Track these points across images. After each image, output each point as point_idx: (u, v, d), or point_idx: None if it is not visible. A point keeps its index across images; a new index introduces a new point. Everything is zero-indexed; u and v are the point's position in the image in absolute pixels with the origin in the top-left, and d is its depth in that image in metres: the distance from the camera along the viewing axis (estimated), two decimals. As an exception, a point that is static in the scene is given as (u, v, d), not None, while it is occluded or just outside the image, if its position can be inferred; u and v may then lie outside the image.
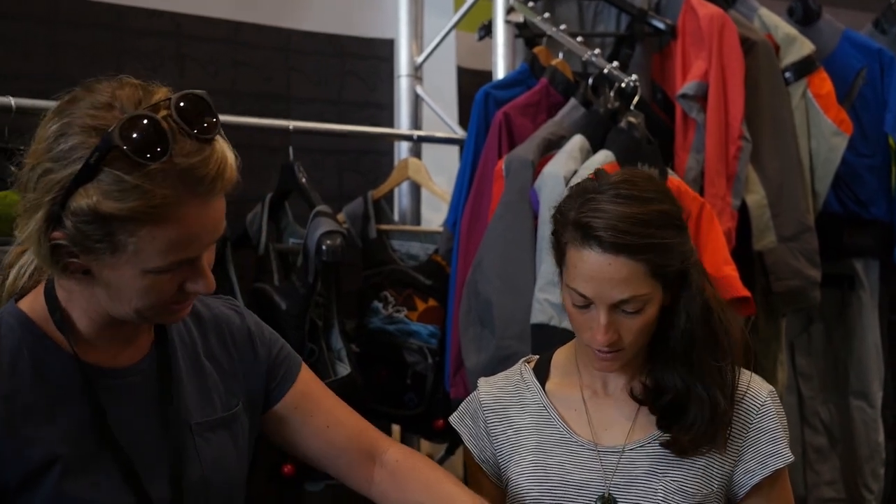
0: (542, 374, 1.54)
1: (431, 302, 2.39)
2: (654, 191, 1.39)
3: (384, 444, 1.49)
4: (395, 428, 2.66)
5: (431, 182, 2.55)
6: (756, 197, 2.65)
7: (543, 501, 1.45)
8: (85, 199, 1.16)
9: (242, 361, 1.43)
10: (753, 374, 1.49)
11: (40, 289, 1.31)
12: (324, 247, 2.11)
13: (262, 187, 2.41)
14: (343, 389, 2.15)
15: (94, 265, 1.21)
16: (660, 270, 1.36)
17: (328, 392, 1.50)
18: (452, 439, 2.47)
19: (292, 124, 2.31)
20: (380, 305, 2.44)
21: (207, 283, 1.25)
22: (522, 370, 1.55)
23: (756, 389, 1.47)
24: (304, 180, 2.27)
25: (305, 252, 2.15)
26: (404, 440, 2.62)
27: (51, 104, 1.23)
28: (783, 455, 1.46)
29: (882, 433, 3.01)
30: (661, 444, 1.43)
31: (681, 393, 1.43)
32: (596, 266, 1.35)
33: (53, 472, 1.23)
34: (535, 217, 2.09)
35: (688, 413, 1.42)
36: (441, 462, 2.70)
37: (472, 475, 1.57)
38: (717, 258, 2.29)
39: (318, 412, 1.46)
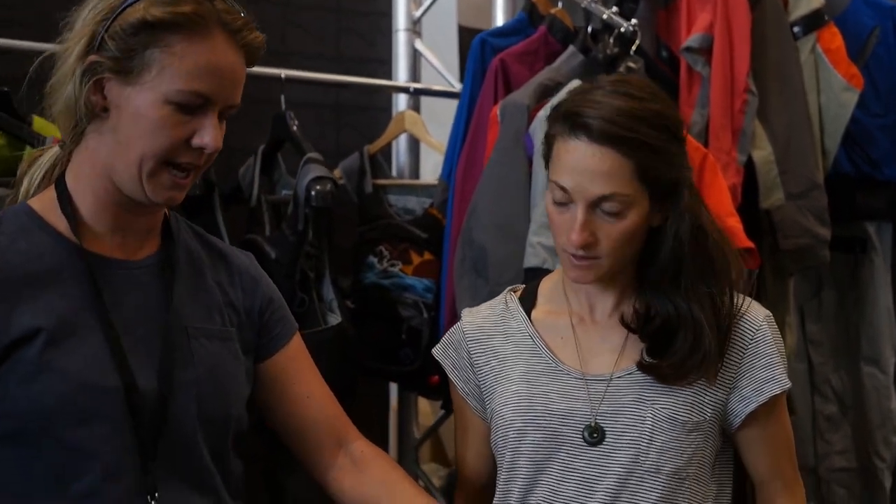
0: (528, 302, 1.49)
1: (427, 256, 2.35)
2: (652, 93, 1.34)
3: (354, 435, 1.50)
4: (393, 387, 2.61)
5: (428, 135, 2.50)
6: (763, 153, 2.58)
7: (528, 432, 1.40)
8: (133, 14, 1.26)
9: (244, 301, 1.43)
10: (752, 300, 1.43)
11: (50, 189, 1.34)
12: (313, 192, 2.06)
13: (256, 141, 2.37)
14: (333, 338, 2.12)
15: (118, 94, 1.27)
16: (647, 174, 1.31)
17: (315, 369, 1.51)
18: (447, 396, 2.41)
19: (284, 73, 2.27)
20: (375, 260, 2.40)
21: (214, 138, 1.29)
22: (508, 299, 1.50)
23: (752, 314, 1.41)
24: (295, 128, 2.23)
25: (295, 199, 2.11)
26: (401, 399, 2.58)
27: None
28: (780, 381, 1.40)
29: (894, 400, 2.93)
30: (640, 369, 1.37)
31: (670, 318, 1.37)
32: (580, 156, 1.30)
33: (37, 341, 1.23)
34: (530, 162, 2.03)
35: (675, 340, 1.36)
36: (440, 423, 2.65)
37: (458, 410, 1.53)
38: (721, 210, 2.23)
39: (302, 381, 1.47)
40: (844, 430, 3.01)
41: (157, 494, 1.28)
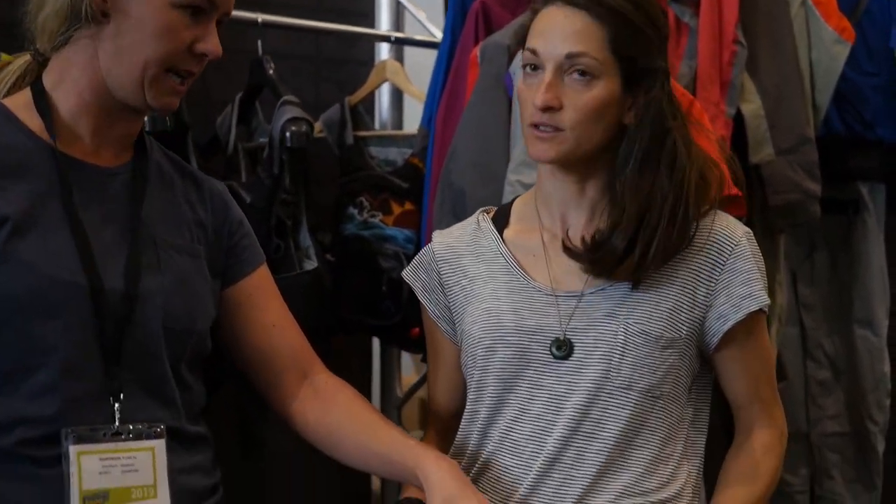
0: (500, 222, 1.45)
1: (408, 205, 2.31)
2: None
3: (319, 367, 1.48)
4: (376, 342, 2.58)
5: (410, 84, 2.46)
6: (752, 107, 2.54)
7: (497, 349, 1.36)
8: None
9: (213, 223, 1.41)
10: (729, 216, 1.39)
11: (23, 91, 1.33)
12: (288, 133, 2.02)
13: (234, 93, 2.33)
14: (310, 284, 2.08)
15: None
16: (620, 48, 1.27)
17: (281, 300, 1.49)
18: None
19: (261, 17, 2.23)
20: (355, 211, 2.35)
21: (216, 44, 1.30)
22: (480, 219, 1.47)
23: (730, 229, 1.37)
24: (271, 72, 2.18)
25: (271, 142, 2.07)
26: (384, 353, 2.54)
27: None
28: (758, 297, 1.35)
29: (888, 363, 2.89)
30: (587, 270, 1.32)
31: (635, 219, 1.33)
32: (552, 18, 1.29)
33: (2, 230, 1.21)
34: (510, 102, 1.99)
35: (636, 240, 1.32)
36: (423, 381, 2.61)
37: (429, 336, 1.49)
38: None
39: (269, 309, 1.45)
40: (837, 394, 2.96)
41: (121, 396, 1.25)
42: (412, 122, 2.47)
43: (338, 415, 1.42)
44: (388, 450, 1.36)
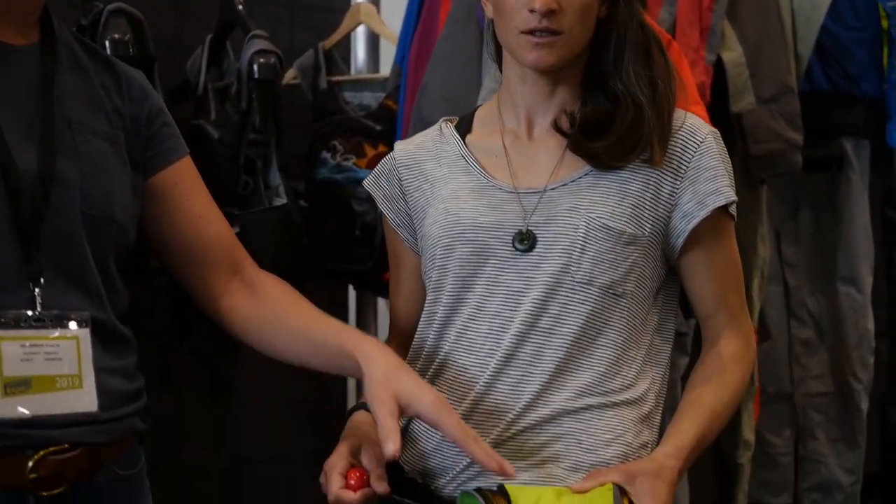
0: (463, 128, 1.43)
1: (381, 148, 2.27)
2: None
3: (250, 262, 1.43)
4: (351, 294, 2.54)
5: (385, 27, 2.42)
6: (733, 55, 2.51)
7: (455, 247, 1.33)
8: None
9: (131, 111, 1.35)
10: (696, 115, 1.35)
11: None
12: (256, 65, 1.99)
13: (204, 33, 2.29)
14: (278, 220, 2.04)
15: None
16: None
17: (208, 193, 1.43)
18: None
19: (234, -40, 2.18)
20: (328, 155, 2.32)
21: None
22: (443, 126, 1.44)
23: (696, 127, 1.33)
24: (240, 7, 2.14)
25: (239, 76, 2.03)
26: (360, 305, 2.50)
27: None
28: (724, 193, 1.31)
29: (871, 320, 2.86)
30: (572, 148, 1.30)
31: (607, 106, 1.30)
32: None
33: None
34: (482, 34, 1.95)
35: (613, 122, 1.29)
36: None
37: (390, 247, 1.46)
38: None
39: (195, 201, 1.40)
40: (821, 354, 2.94)
41: (41, 281, 1.21)
42: (388, 66, 2.43)
43: (271, 307, 1.37)
44: (325, 337, 1.31)
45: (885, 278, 3.05)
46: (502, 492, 1.23)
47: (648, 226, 1.30)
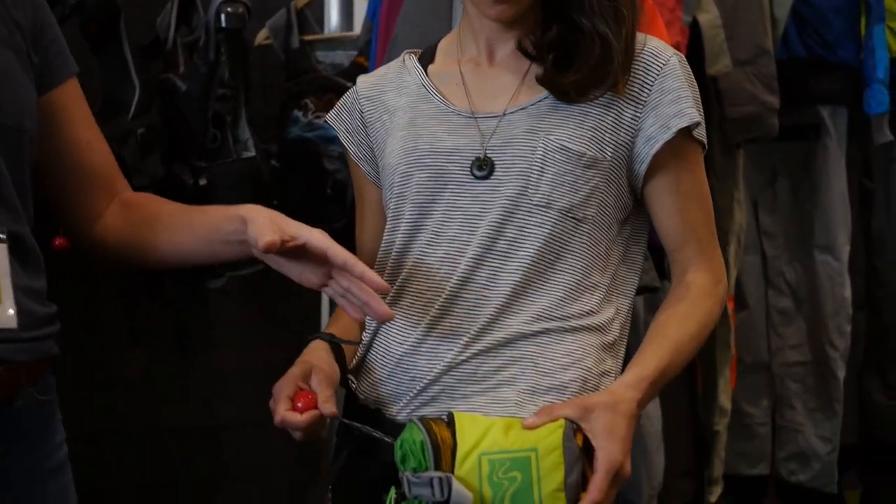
0: (425, 59, 1.40)
1: (353, 105, 2.24)
2: None
3: (126, 187, 1.40)
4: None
5: (357, -18, 2.40)
6: (709, 16, 2.49)
7: (412, 173, 1.31)
8: None
9: (27, 21, 1.30)
10: (658, 39, 1.33)
11: None
12: (223, 14, 1.96)
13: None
14: (246, 172, 2.02)
15: None
16: None
17: (93, 120, 1.39)
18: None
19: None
20: (299, 114, 2.29)
21: None
22: (406, 58, 1.42)
23: (659, 49, 1.31)
24: (210, -42, 2.12)
25: (206, 28, 2.00)
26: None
27: None
28: (687, 115, 1.28)
29: (848, 288, 2.85)
30: (541, 83, 1.27)
31: (572, 34, 1.27)
32: None
33: None
34: (453, -15, 1.93)
35: (577, 52, 1.26)
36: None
37: (354, 182, 1.44)
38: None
39: (81, 126, 1.36)
40: (798, 323, 2.93)
41: None
42: (361, 24, 2.41)
43: (144, 214, 1.33)
44: (205, 216, 1.28)
45: (863, 249, 3.04)
46: (450, 421, 1.21)
47: (610, 150, 1.28)
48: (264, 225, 1.24)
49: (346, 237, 2.35)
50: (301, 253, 1.25)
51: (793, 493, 2.93)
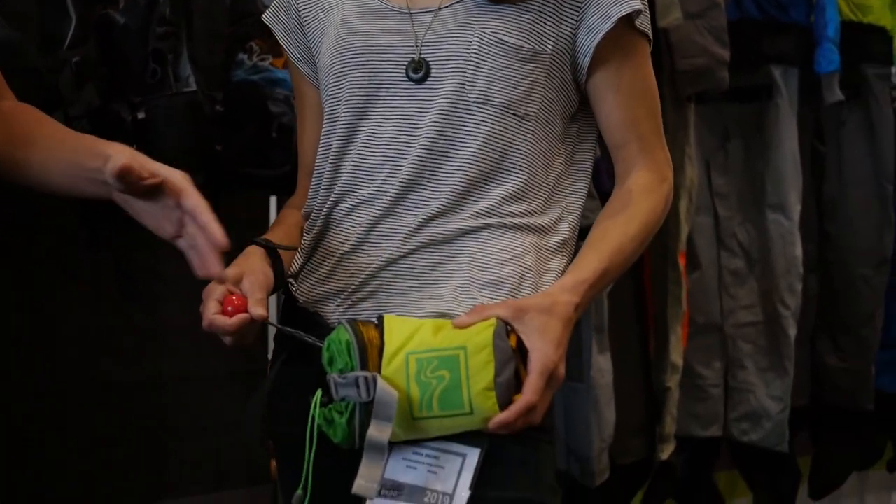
0: None
1: (299, 47, 2.21)
2: None
3: (11, 96, 1.34)
4: (272, 207, 2.49)
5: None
6: (660, -31, 2.49)
7: (346, 73, 1.28)
8: None
9: None
10: None
11: None
12: (162, -54, 1.91)
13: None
14: (185, 106, 1.98)
15: None
16: None
17: None
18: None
19: None
20: (244, 57, 2.25)
21: None
22: None
23: None
24: None
25: (146, -41, 1.96)
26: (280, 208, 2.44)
27: None
28: (628, 3, 1.25)
29: (799, 247, 2.86)
30: None
31: None
32: None
33: None
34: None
35: None
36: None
37: (295, 84, 1.42)
38: None
39: None
40: (750, 284, 2.93)
41: None
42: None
43: (26, 129, 1.26)
44: (78, 152, 1.21)
45: (815, 213, 3.05)
46: (379, 323, 1.19)
47: (550, 43, 1.25)
48: (122, 156, 1.16)
49: (292, 183, 2.32)
50: (159, 197, 1.18)
51: (745, 454, 2.93)
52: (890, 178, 3.04)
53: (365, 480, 1.13)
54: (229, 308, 1.20)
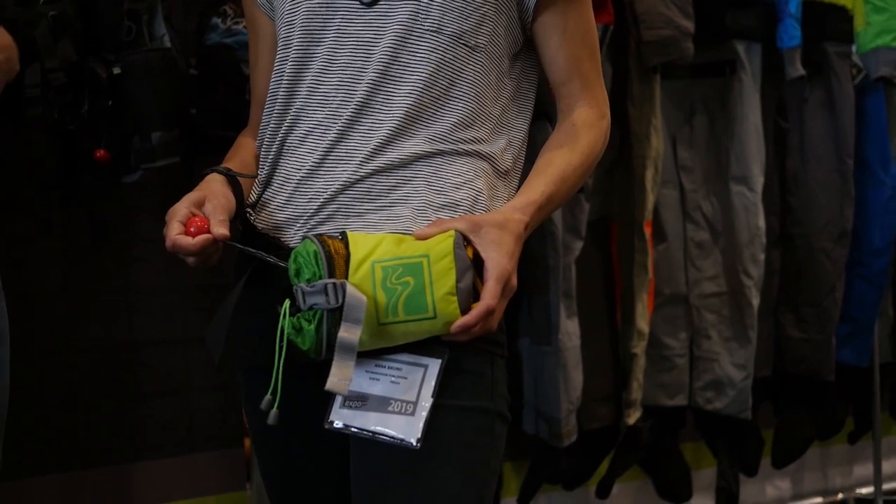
0: None
1: (272, 9, 2.23)
2: None
3: None
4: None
5: None
6: (626, -60, 2.55)
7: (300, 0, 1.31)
8: None
9: None
10: None
11: None
12: None
13: None
14: (159, 61, 2.01)
15: None
16: None
17: None
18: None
19: None
20: (218, 21, 2.28)
21: None
22: None
23: None
24: None
25: (121, -82, 1.98)
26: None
27: None
28: None
29: (762, 218, 2.92)
30: None
31: None
32: None
33: None
34: None
35: None
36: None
37: (248, 13, 1.45)
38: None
39: None
40: (715, 256, 2.99)
41: None
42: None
43: None
44: None
45: (778, 188, 3.11)
46: (343, 237, 1.23)
47: None
48: None
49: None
50: None
51: (709, 421, 2.99)
52: (850, 154, 3.11)
53: (338, 378, 1.17)
54: (192, 229, 1.24)
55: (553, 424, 2.54)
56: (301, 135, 1.32)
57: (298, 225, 1.30)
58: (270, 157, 1.35)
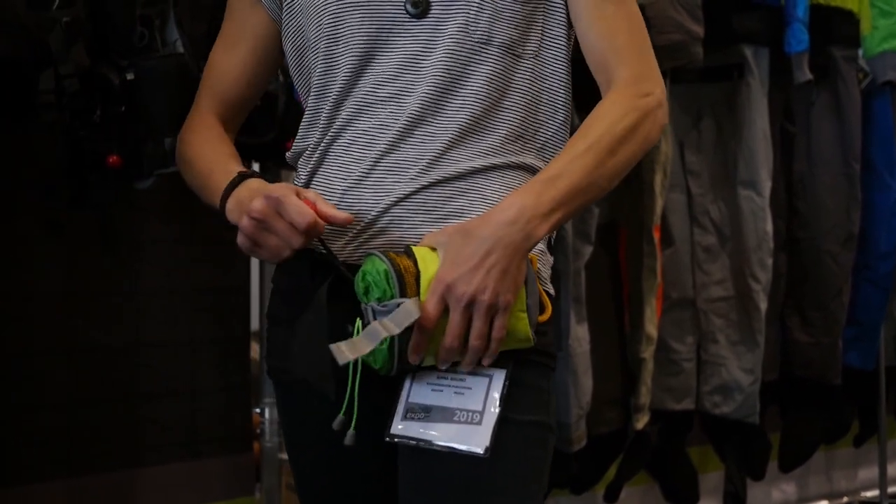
0: None
1: (283, 16, 2.23)
2: None
3: None
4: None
5: None
6: (636, -54, 2.54)
7: (346, 13, 1.29)
8: None
9: None
10: None
11: None
12: None
13: None
14: (173, 68, 2.00)
15: None
16: None
17: None
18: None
19: None
20: (229, 26, 2.27)
21: None
22: None
23: None
24: None
25: (134, -76, 1.97)
26: (262, 173, 2.47)
27: None
28: None
29: (770, 223, 2.92)
30: None
31: None
32: None
33: None
34: None
35: None
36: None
37: (238, 4, 1.45)
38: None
39: None
40: (722, 260, 2.99)
41: None
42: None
43: None
44: None
45: (785, 192, 3.12)
46: (409, 253, 1.21)
47: None
48: None
49: (276, 150, 2.34)
50: None
51: (717, 426, 2.99)
52: (857, 158, 3.12)
53: (346, 347, 1.15)
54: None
55: (563, 430, 2.54)
56: (346, 144, 1.30)
57: (349, 237, 1.27)
58: (310, 165, 1.33)
